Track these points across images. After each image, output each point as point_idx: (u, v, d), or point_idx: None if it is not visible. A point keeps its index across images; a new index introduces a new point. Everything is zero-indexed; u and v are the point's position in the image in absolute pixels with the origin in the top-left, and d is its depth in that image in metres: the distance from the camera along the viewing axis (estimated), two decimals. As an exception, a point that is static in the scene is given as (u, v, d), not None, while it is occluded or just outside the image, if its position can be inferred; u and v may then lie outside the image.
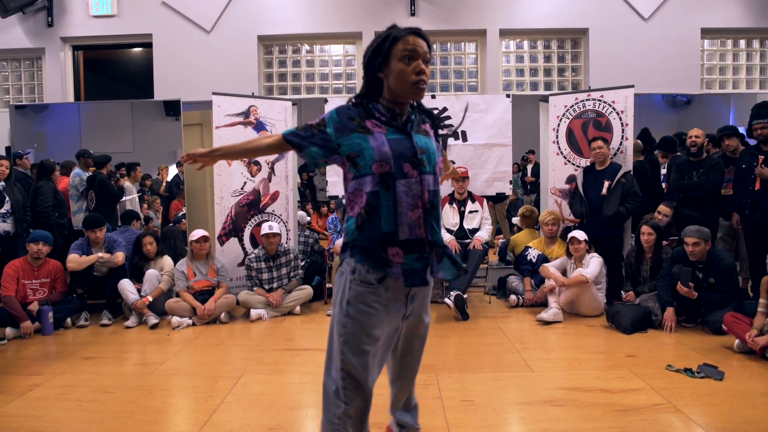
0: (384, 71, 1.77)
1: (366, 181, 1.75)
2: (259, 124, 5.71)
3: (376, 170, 1.73)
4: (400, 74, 1.73)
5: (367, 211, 1.75)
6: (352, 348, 1.78)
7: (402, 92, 1.77)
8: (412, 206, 1.75)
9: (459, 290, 4.78)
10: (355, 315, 1.78)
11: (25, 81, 7.58)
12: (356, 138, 1.76)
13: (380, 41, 1.77)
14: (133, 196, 6.76)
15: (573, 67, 7.30)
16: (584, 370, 3.52)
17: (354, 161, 1.77)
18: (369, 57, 1.79)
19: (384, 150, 1.73)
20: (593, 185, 5.19)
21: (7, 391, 3.33)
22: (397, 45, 1.73)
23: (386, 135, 1.77)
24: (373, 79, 1.81)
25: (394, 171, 1.73)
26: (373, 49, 1.78)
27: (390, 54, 1.74)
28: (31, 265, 4.79)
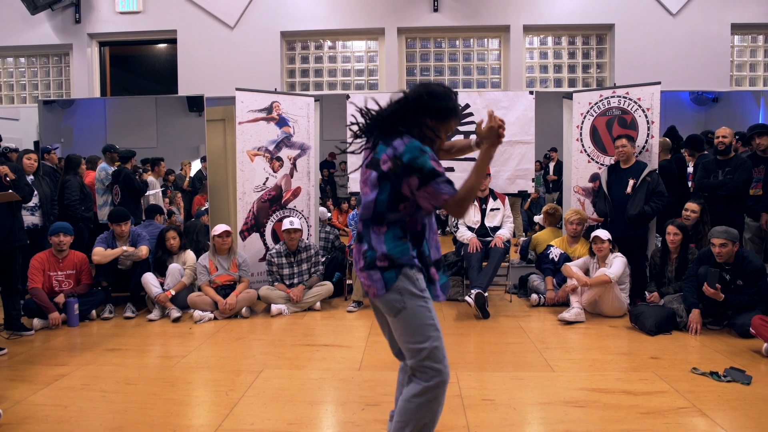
0: (433, 122, 2.00)
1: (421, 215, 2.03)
2: (281, 119, 5.73)
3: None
4: (437, 141, 2.05)
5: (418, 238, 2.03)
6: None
7: (429, 139, 2.03)
8: (434, 232, 2.13)
9: (480, 288, 4.75)
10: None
11: (53, 77, 7.72)
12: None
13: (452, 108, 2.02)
14: (157, 191, 6.85)
15: (598, 63, 7.19)
16: (607, 371, 3.47)
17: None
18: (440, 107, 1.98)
19: None
20: (617, 184, 5.11)
21: (35, 380, 3.41)
22: (454, 121, 2.05)
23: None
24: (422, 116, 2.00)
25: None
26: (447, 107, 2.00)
27: (448, 121, 2.03)
28: (56, 257, 4.89)
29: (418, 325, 1.96)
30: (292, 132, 5.81)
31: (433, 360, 1.95)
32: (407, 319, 1.97)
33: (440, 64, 7.32)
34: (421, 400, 1.95)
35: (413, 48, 7.33)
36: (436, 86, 2.01)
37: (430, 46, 7.32)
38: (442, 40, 7.31)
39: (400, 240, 1.98)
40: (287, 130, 5.79)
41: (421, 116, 1.99)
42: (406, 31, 7.17)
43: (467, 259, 5.15)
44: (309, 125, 5.91)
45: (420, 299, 1.97)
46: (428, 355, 1.94)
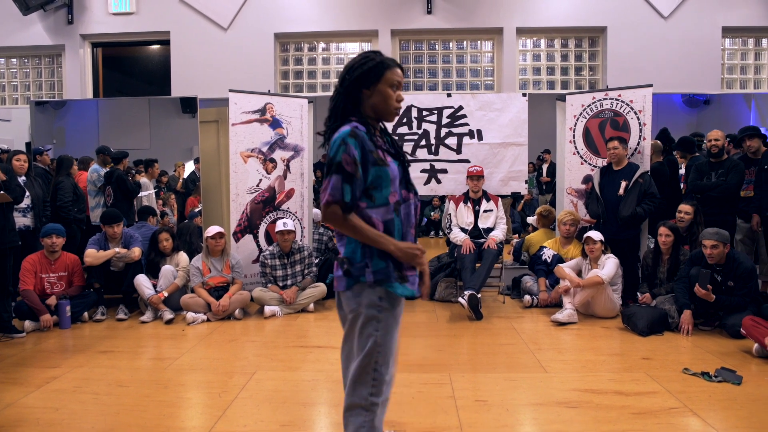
0: (371, 89, 1.87)
1: (382, 210, 1.84)
2: (275, 121, 5.73)
3: (391, 200, 1.85)
4: (388, 98, 1.88)
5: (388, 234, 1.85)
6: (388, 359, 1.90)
7: (382, 113, 1.91)
8: (411, 226, 1.93)
9: (473, 289, 4.76)
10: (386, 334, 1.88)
11: (45, 78, 7.68)
12: (377, 171, 1.82)
13: (375, 63, 1.86)
14: (150, 192, 6.82)
15: (591, 65, 7.23)
16: (599, 372, 3.49)
17: (370, 193, 1.84)
18: (361, 73, 1.86)
19: (396, 180, 1.86)
20: (610, 185, 5.14)
21: (26, 383, 3.39)
22: (389, 71, 1.87)
23: (395, 163, 1.89)
24: (354, 95, 1.88)
25: (400, 198, 1.88)
26: (369, 68, 1.86)
27: (382, 77, 1.86)
28: (47, 259, 4.86)
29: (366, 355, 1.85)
30: (285, 133, 5.81)
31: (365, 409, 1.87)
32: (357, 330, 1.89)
33: (434, 66, 7.34)
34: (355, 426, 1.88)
35: (407, 50, 7.34)
36: (352, 59, 1.91)
37: (424, 48, 7.34)
38: (436, 42, 7.32)
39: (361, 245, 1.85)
40: (281, 132, 5.78)
41: (356, 93, 1.87)
42: (400, 33, 7.18)
43: (460, 260, 5.16)
44: (302, 127, 5.91)
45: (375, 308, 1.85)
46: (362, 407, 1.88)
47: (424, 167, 5.86)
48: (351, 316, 1.90)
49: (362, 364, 1.86)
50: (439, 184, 5.89)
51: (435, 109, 5.85)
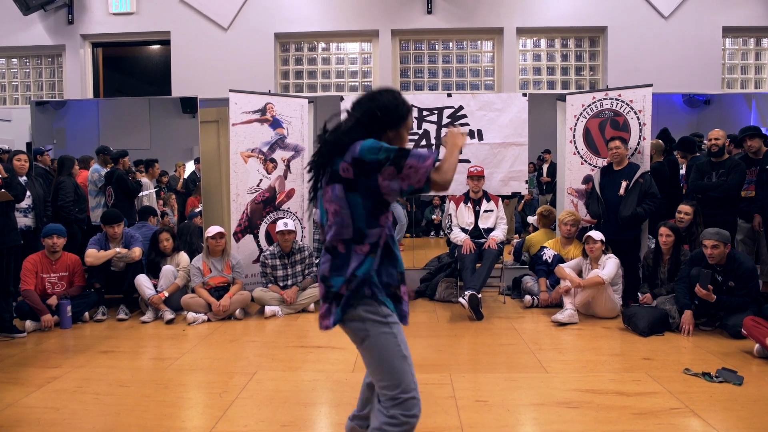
0: (394, 132, 1.89)
1: (382, 229, 1.84)
2: (275, 121, 5.73)
3: (389, 221, 1.90)
4: (404, 141, 1.93)
5: (387, 252, 1.87)
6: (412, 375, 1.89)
7: None
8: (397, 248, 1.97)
9: (473, 290, 4.76)
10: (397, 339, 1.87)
11: (46, 78, 7.68)
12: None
13: (407, 109, 1.90)
14: (150, 192, 6.82)
15: (591, 65, 7.22)
16: (600, 372, 3.49)
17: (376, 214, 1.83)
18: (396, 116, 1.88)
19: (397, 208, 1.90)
20: (610, 185, 5.14)
21: (27, 383, 3.39)
22: (410, 117, 1.94)
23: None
24: (380, 131, 1.86)
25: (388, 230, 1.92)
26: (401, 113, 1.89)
27: (405, 122, 1.92)
28: (48, 259, 4.86)
29: (386, 359, 1.83)
30: (285, 133, 5.81)
31: (403, 409, 1.82)
32: (372, 349, 1.84)
33: (434, 66, 7.33)
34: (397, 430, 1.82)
35: (407, 50, 7.34)
36: (384, 97, 1.87)
37: (424, 48, 7.34)
38: (436, 42, 7.32)
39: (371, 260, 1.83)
40: (281, 132, 5.79)
41: (379, 132, 1.85)
42: (400, 33, 7.18)
43: (461, 260, 5.16)
44: (303, 127, 5.91)
45: (385, 326, 1.83)
46: (399, 404, 1.82)
47: (424, 167, 5.85)
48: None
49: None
50: (440, 184, 5.87)
51: (435, 109, 5.85)
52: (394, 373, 1.83)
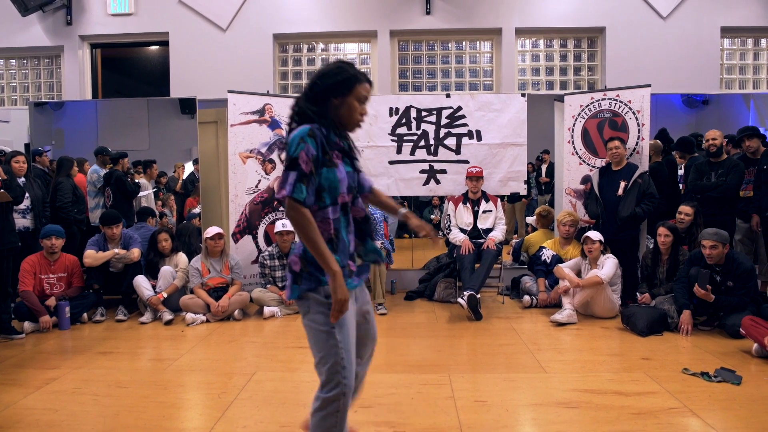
0: (338, 99, 1.93)
1: (330, 210, 1.91)
2: (273, 122, 5.73)
3: (340, 201, 1.93)
4: (354, 110, 1.95)
5: (336, 235, 1.93)
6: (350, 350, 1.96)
7: (346, 124, 1.98)
8: (351, 229, 2.02)
9: (472, 290, 4.76)
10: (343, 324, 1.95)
11: (44, 79, 7.67)
12: (326, 172, 1.88)
13: (349, 76, 1.93)
14: (149, 192, 6.82)
15: (589, 66, 7.23)
16: (598, 372, 3.49)
17: (320, 195, 1.89)
18: (334, 83, 1.92)
19: (345, 184, 1.94)
20: (609, 186, 5.15)
21: (25, 384, 3.39)
22: (360, 86, 1.94)
23: (344, 167, 1.96)
24: (323, 102, 1.93)
25: (349, 201, 1.99)
26: (343, 78, 1.92)
27: (353, 90, 1.93)
28: (47, 260, 4.86)
29: (316, 337, 1.94)
30: (284, 134, 5.79)
31: (329, 388, 1.91)
32: (307, 326, 1.96)
33: (432, 66, 7.34)
34: (322, 413, 1.92)
35: (405, 50, 7.34)
36: (327, 67, 1.96)
37: (423, 49, 7.34)
38: (435, 43, 7.32)
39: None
40: (280, 133, 5.79)
41: (325, 100, 1.93)
42: (399, 33, 7.18)
43: (459, 260, 5.16)
44: (302, 127, 5.90)
45: (324, 305, 1.91)
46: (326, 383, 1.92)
47: (423, 168, 5.87)
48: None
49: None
50: (438, 185, 5.89)
51: (434, 109, 5.86)
52: (323, 351, 1.93)
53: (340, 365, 1.90)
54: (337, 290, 1.82)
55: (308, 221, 1.81)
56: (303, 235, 1.83)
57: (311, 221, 1.82)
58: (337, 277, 1.82)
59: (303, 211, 1.80)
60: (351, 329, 1.97)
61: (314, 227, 1.82)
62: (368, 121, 5.86)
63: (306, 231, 1.81)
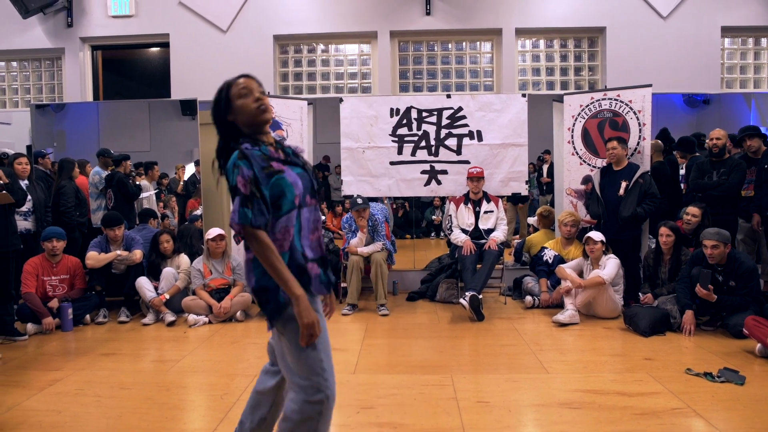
0: (231, 114, 1.94)
1: (292, 215, 1.88)
2: (274, 123, 5.73)
3: (296, 202, 1.89)
4: (243, 107, 1.92)
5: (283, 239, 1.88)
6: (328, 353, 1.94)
7: (253, 122, 1.94)
8: (313, 230, 1.97)
9: (474, 291, 4.76)
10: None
11: (46, 81, 7.68)
12: (276, 181, 1.85)
13: (220, 90, 1.96)
14: (150, 194, 6.83)
15: (590, 66, 7.23)
16: (601, 372, 3.49)
17: (277, 203, 1.86)
18: (218, 104, 1.95)
19: (298, 184, 1.89)
20: (610, 186, 5.14)
21: (28, 385, 3.39)
22: (232, 89, 1.94)
23: (292, 170, 1.91)
24: (228, 126, 1.96)
25: (301, 201, 1.91)
26: (220, 97, 1.95)
27: (229, 98, 1.94)
28: (49, 261, 4.86)
29: (295, 346, 1.87)
30: (285, 135, 5.81)
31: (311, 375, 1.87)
32: (289, 343, 1.89)
33: (433, 67, 7.34)
34: (300, 417, 1.87)
35: (406, 51, 7.34)
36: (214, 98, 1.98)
37: (423, 50, 7.34)
38: (435, 43, 7.33)
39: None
40: (281, 134, 5.79)
41: (226, 123, 1.95)
42: (399, 34, 7.19)
43: (461, 261, 5.16)
44: (302, 128, 5.92)
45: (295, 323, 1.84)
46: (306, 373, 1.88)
47: (424, 168, 5.87)
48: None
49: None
50: (440, 185, 5.89)
51: (434, 110, 5.86)
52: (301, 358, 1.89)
53: (321, 374, 1.87)
54: (302, 314, 1.77)
55: (264, 245, 1.79)
56: (262, 259, 1.80)
57: (268, 245, 1.79)
58: (301, 301, 1.77)
59: (256, 233, 1.79)
60: (325, 333, 1.93)
61: (272, 250, 1.79)
62: (369, 122, 5.87)
63: (264, 255, 1.79)
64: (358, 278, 5.24)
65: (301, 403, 1.87)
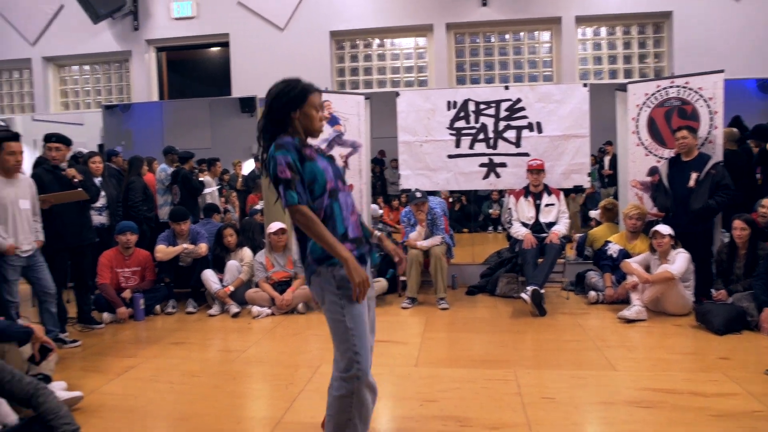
0: (298, 113, 2.12)
1: (323, 199, 2.08)
2: (332, 118, 5.79)
3: (327, 187, 2.09)
4: (313, 118, 2.16)
5: (326, 222, 2.06)
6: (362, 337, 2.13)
7: (311, 131, 2.18)
8: (349, 211, 2.17)
9: (536, 285, 4.67)
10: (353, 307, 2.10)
11: (114, 82, 8.04)
12: (308, 166, 2.07)
13: (300, 89, 2.12)
14: (213, 189, 7.04)
15: (655, 53, 6.94)
16: (672, 371, 3.36)
17: (311, 188, 2.07)
18: (289, 98, 2.10)
19: (328, 170, 2.12)
20: (679, 177, 4.92)
21: (106, 371, 3.58)
22: (313, 96, 2.15)
23: (321, 159, 2.15)
24: (284, 118, 2.12)
25: (335, 186, 2.13)
26: (295, 94, 2.11)
27: (306, 101, 2.12)
28: (122, 254, 5.10)
29: (334, 324, 2.12)
30: (343, 130, 5.87)
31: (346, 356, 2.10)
32: (326, 315, 2.15)
33: (490, 58, 7.23)
34: (337, 393, 2.13)
35: (462, 43, 7.26)
36: (274, 88, 2.14)
37: (480, 41, 7.24)
38: (492, 35, 7.21)
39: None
40: (338, 129, 5.85)
41: (284, 117, 2.11)
42: (455, 26, 7.11)
43: (522, 255, 5.07)
44: (360, 123, 5.96)
45: (336, 295, 2.08)
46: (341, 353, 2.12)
47: (482, 161, 5.79)
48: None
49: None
50: (498, 179, 5.80)
51: (492, 102, 5.77)
52: (338, 338, 2.15)
53: (352, 351, 2.08)
54: (353, 274, 1.96)
55: (311, 219, 1.98)
56: (310, 232, 1.99)
57: (312, 217, 1.98)
58: (349, 262, 1.97)
59: (303, 210, 1.98)
60: (362, 317, 2.12)
61: (317, 223, 1.98)
62: (426, 115, 5.84)
63: (311, 228, 1.98)
64: (417, 272, 5.24)
65: (338, 380, 2.12)
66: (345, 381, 2.09)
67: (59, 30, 7.69)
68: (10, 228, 3.77)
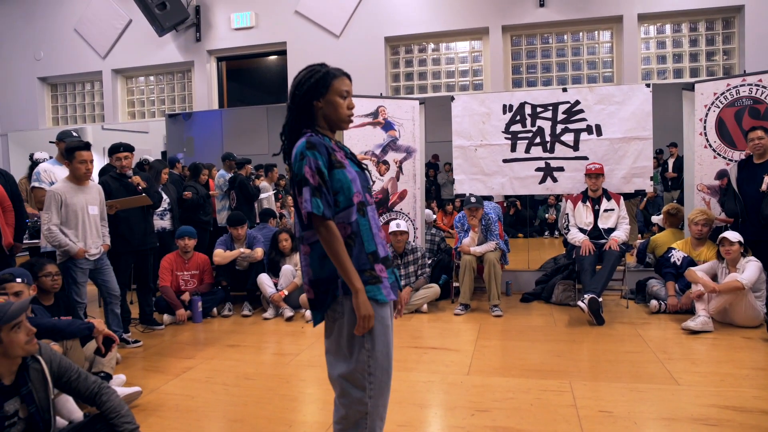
0: (322, 102, 1.91)
1: (350, 212, 1.85)
2: (387, 123, 5.82)
3: (355, 200, 1.86)
4: (339, 106, 1.92)
5: (352, 238, 1.85)
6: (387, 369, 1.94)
7: (335, 121, 1.94)
8: (378, 228, 1.94)
9: (593, 293, 4.52)
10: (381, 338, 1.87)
11: (177, 92, 8.38)
12: (337, 174, 1.84)
13: (322, 75, 1.91)
14: (269, 194, 7.20)
15: (724, 50, 6.59)
16: (741, 387, 3.16)
17: (335, 198, 1.84)
18: (309, 86, 1.90)
19: (357, 181, 1.88)
20: (750, 181, 4.65)
21: (166, 371, 3.71)
22: (337, 81, 1.92)
23: (352, 167, 1.90)
24: (308, 109, 1.91)
25: (364, 200, 1.90)
26: (317, 80, 1.90)
27: (330, 87, 1.91)
28: (182, 258, 5.29)
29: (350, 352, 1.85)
30: (397, 135, 5.88)
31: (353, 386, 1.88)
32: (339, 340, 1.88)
33: (547, 60, 7.07)
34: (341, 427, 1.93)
35: (518, 46, 7.14)
36: (298, 75, 1.95)
37: (537, 43, 7.10)
38: (549, 36, 7.05)
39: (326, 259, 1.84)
40: (393, 134, 5.86)
41: (308, 106, 1.91)
42: (511, 28, 7.00)
43: (579, 262, 4.92)
44: (414, 128, 5.95)
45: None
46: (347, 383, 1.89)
47: (539, 165, 5.67)
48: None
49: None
50: (555, 183, 5.66)
51: (550, 105, 5.64)
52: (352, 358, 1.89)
53: (366, 379, 1.87)
54: (360, 307, 1.77)
55: (332, 235, 1.78)
56: (327, 249, 1.79)
57: (336, 235, 1.78)
58: (360, 294, 1.77)
59: (327, 224, 1.77)
60: (384, 338, 1.88)
61: (339, 241, 1.78)
62: (481, 119, 5.77)
63: (331, 245, 1.78)
64: (470, 278, 5.17)
65: (341, 414, 1.93)
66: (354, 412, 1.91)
67: (127, 43, 8.12)
68: (80, 233, 3.97)
